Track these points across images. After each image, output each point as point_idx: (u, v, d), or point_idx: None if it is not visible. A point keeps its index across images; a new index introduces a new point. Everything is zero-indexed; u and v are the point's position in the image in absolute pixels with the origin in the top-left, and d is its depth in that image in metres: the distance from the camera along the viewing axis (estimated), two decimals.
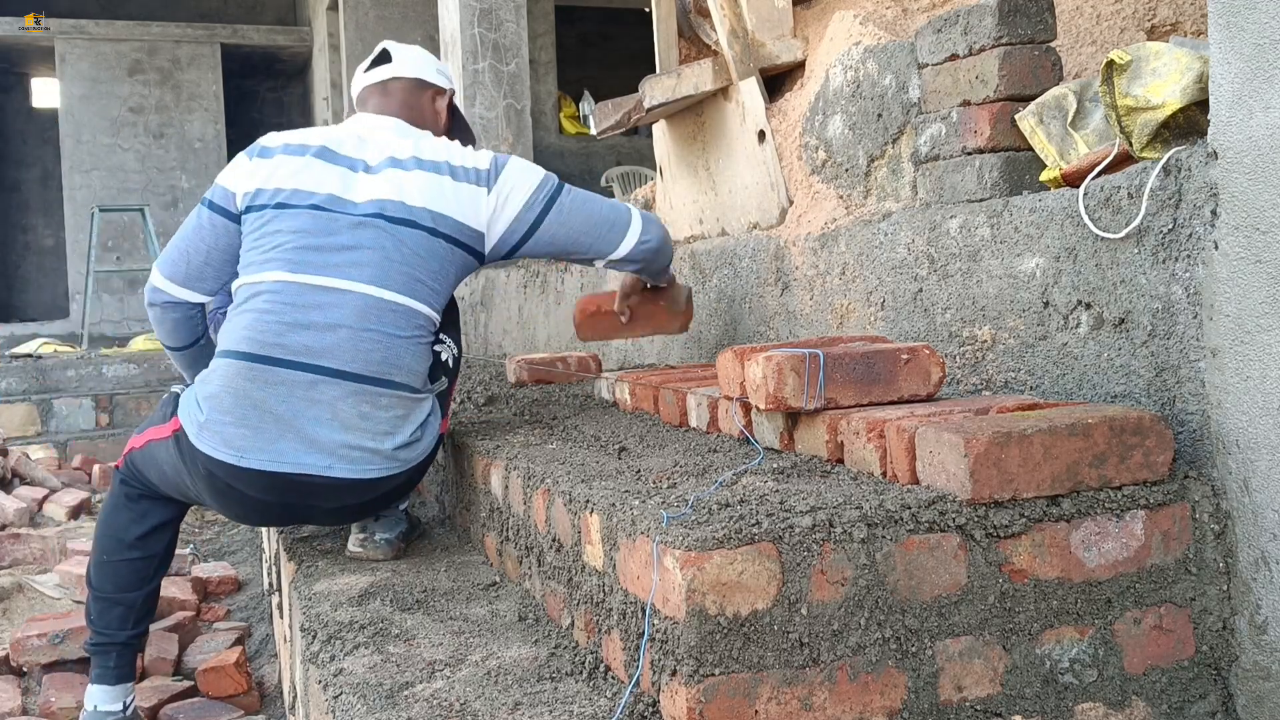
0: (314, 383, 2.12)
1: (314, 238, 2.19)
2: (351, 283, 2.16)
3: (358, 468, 2.15)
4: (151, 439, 2.35)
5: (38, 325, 11.18)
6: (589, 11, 10.93)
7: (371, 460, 2.16)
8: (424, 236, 2.21)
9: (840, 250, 2.40)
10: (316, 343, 2.13)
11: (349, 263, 2.17)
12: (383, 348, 2.15)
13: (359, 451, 2.14)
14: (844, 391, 1.71)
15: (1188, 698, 1.50)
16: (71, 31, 11.27)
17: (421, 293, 2.21)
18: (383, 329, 2.16)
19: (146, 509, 2.42)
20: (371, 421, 2.15)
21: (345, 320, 2.14)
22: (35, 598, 3.75)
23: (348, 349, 2.13)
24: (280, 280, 2.17)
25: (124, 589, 2.43)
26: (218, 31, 11.81)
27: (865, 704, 1.36)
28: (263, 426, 2.12)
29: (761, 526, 1.34)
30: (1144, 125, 1.70)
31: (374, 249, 2.18)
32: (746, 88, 2.89)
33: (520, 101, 5.53)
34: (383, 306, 2.16)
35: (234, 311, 2.23)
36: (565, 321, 4.25)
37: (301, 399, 2.12)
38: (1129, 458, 1.47)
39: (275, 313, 2.16)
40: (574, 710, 1.49)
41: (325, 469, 2.13)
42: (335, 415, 2.12)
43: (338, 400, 2.12)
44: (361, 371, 2.13)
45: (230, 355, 2.17)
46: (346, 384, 2.12)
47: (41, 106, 12.75)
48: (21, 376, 7.31)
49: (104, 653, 2.46)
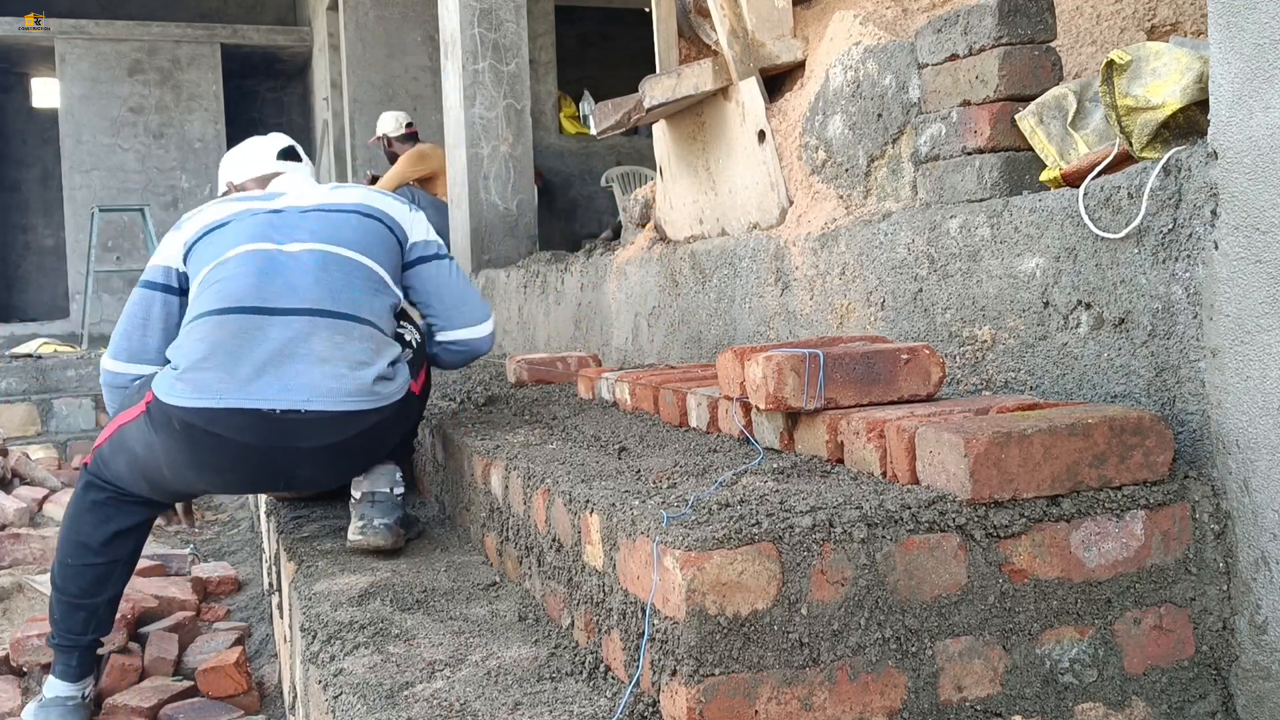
0: (287, 323, 2.26)
1: (268, 223, 2.42)
2: (311, 243, 2.39)
3: (337, 400, 2.24)
4: (121, 423, 2.38)
5: (38, 325, 11.17)
6: (589, 11, 10.91)
7: (348, 391, 2.25)
8: (359, 217, 2.49)
9: (840, 250, 2.40)
10: (286, 289, 2.30)
11: (305, 233, 2.40)
12: (346, 289, 2.35)
13: (335, 381, 2.24)
14: (844, 391, 1.71)
15: (1188, 698, 1.50)
16: (71, 31, 11.26)
17: (374, 254, 2.44)
18: (346, 275, 2.37)
19: (112, 513, 2.42)
20: (345, 351, 2.27)
21: (310, 268, 2.33)
22: (35, 598, 3.75)
23: (316, 290, 2.31)
24: (246, 251, 2.36)
25: (88, 594, 2.44)
26: (218, 31, 11.80)
27: (865, 704, 1.36)
28: (238, 369, 2.22)
29: (761, 526, 1.33)
30: (1144, 125, 1.70)
31: (324, 226, 2.45)
32: (746, 88, 2.89)
33: (520, 101, 5.52)
34: (342, 260, 2.39)
35: (196, 292, 2.38)
36: (565, 321, 4.26)
37: (277, 338, 2.24)
38: (1129, 458, 1.47)
39: (244, 271, 2.32)
40: (574, 710, 1.49)
41: (304, 403, 2.21)
42: (310, 350, 2.24)
43: (312, 335, 2.26)
44: (331, 308, 2.30)
45: (202, 315, 2.29)
46: (319, 319, 2.28)
47: (41, 106, 12.75)
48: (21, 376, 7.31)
49: (67, 653, 2.49)
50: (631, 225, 3.87)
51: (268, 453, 2.26)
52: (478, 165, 5.44)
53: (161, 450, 2.28)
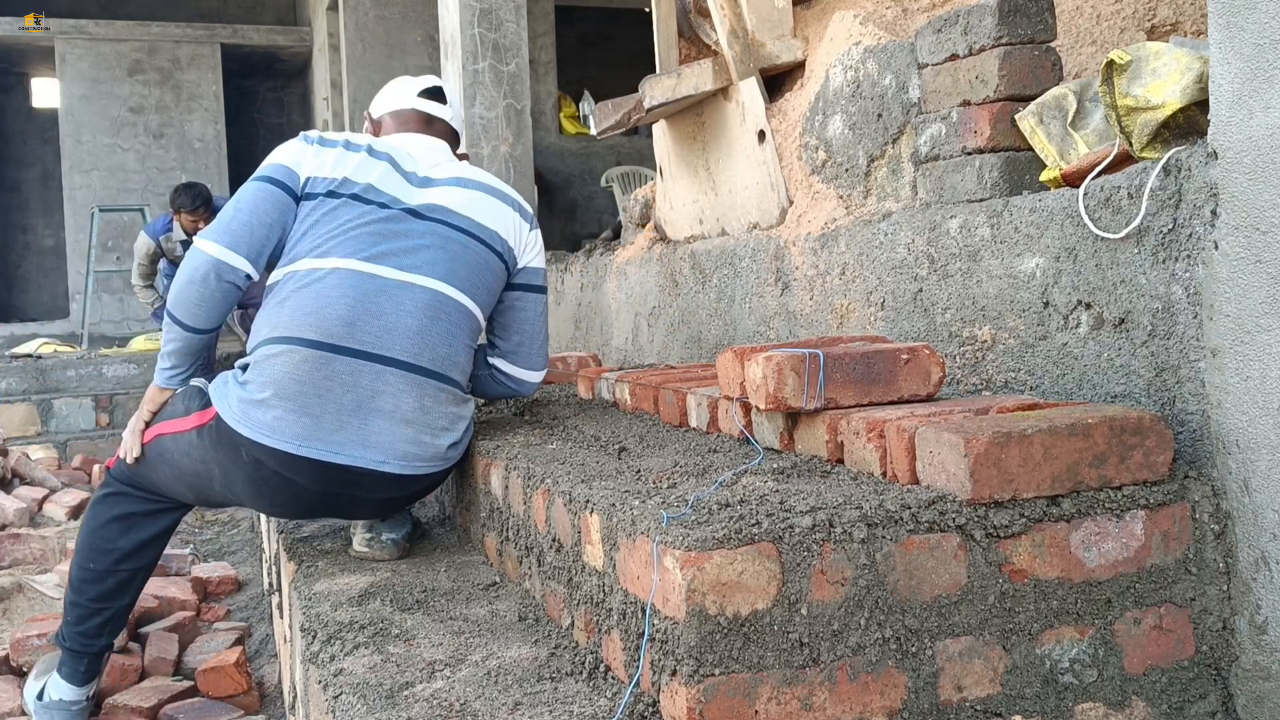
0: (379, 373, 2.11)
1: (381, 231, 2.20)
2: (422, 277, 2.18)
3: (410, 464, 2.16)
4: (164, 433, 2.26)
5: (38, 325, 11.17)
6: (589, 11, 10.92)
7: (423, 457, 2.18)
8: (476, 245, 2.28)
9: (840, 250, 2.40)
10: (385, 333, 2.12)
11: (418, 258, 2.20)
12: (446, 343, 2.18)
13: (415, 446, 2.15)
14: (844, 391, 1.71)
15: (1188, 698, 1.50)
16: (71, 31, 11.26)
17: (480, 297, 2.28)
18: (448, 325, 2.19)
19: (141, 520, 2.34)
20: (430, 416, 2.17)
21: (414, 313, 2.15)
22: (35, 598, 3.75)
23: (415, 342, 2.14)
24: (348, 269, 2.15)
25: (108, 599, 2.38)
26: (218, 31, 11.80)
27: (865, 704, 1.36)
28: (324, 416, 2.08)
29: (761, 526, 1.33)
30: (1144, 125, 1.70)
31: (440, 249, 2.22)
32: (746, 88, 2.89)
33: (520, 101, 5.52)
34: (449, 304, 2.20)
35: (284, 296, 2.17)
36: (565, 321, 4.26)
37: (366, 389, 2.10)
38: (1129, 458, 1.47)
39: (343, 301, 2.11)
40: (574, 710, 1.48)
41: (380, 464, 2.12)
42: (397, 407, 2.12)
43: (401, 392, 2.12)
44: (426, 365, 2.15)
45: (293, 341, 2.10)
46: (411, 375, 2.13)
47: (41, 106, 12.75)
48: (21, 376, 7.31)
49: (77, 657, 2.43)
50: (631, 225, 3.87)
51: (329, 497, 2.20)
52: (478, 165, 5.44)
53: (219, 469, 2.18)
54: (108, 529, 2.35)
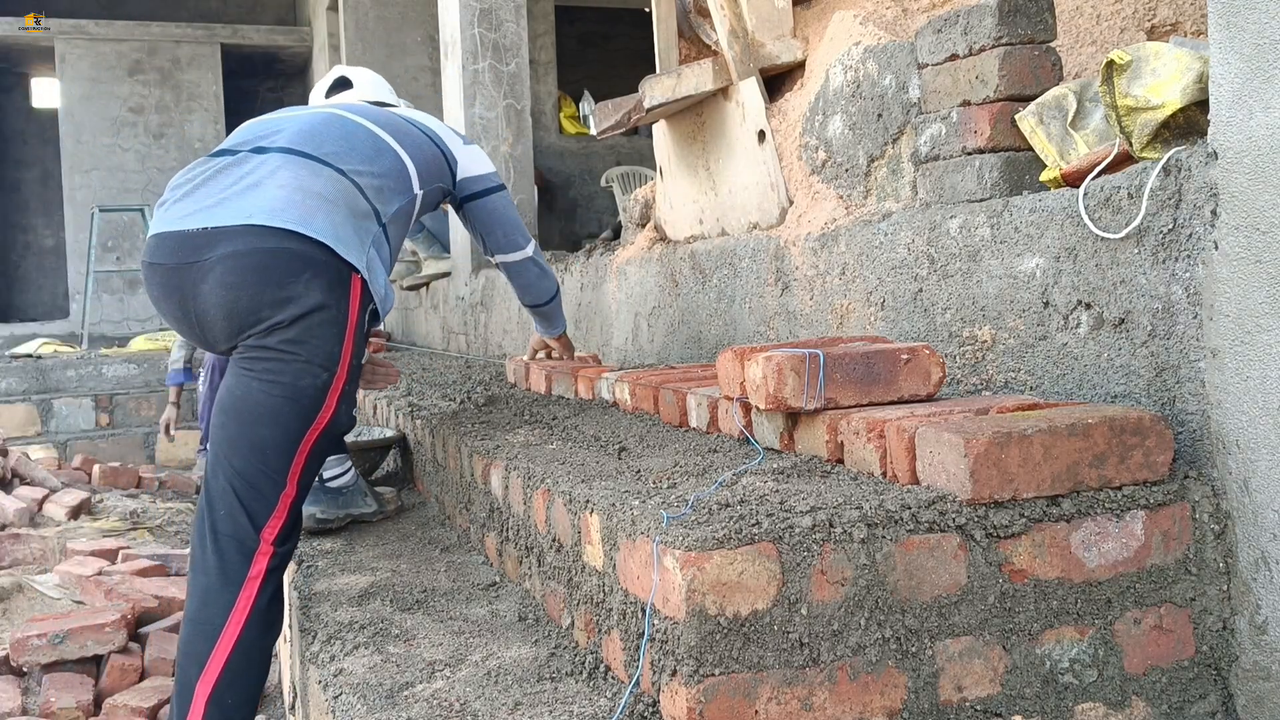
0: (264, 159, 2.21)
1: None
2: (324, 109, 2.42)
3: (270, 215, 2.08)
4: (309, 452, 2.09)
5: (38, 325, 11.18)
6: (589, 11, 10.92)
7: (285, 211, 2.09)
8: (404, 120, 2.49)
9: (840, 250, 2.40)
10: (269, 136, 2.28)
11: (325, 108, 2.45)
12: (341, 144, 2.29)
13: (281, 204, 2.10)
14: (844, 391, 1.71)
15: (1188, 698, 1.50)
16: (71, 31, 11.26)
17: (402, 141, 2.42)
18: (346, 136, 2.33)
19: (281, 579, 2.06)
20: (306, 184, 2.15)
21: (303, 121, 2.33)
22: (35, 598, 3.75)
23: (299, 136, 2.26)
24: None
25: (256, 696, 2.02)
26: (218, 31, 11.80)
27: (865, 704, 1.36)
28: (196, 198, 2.17)
29: (761, 526, 1.33)
30: (1144, 125, 1.69)
31: (350, 108, 2.47)
32: (746, 88, 2.89)
33: (520, 101, 5.52)
34: (350, 125, 2.38)
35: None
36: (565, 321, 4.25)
37: (240, 174, 2.18)
38: (1129, 458, 1.47)
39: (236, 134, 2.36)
40: (574, 710, 1.48)
41: (246, 218, 2.09)
42: (275, 179, 2.15)
43: (279, 169, 2.17)
44: (310, 151, 2.23)
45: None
46: (291, 157, 2.21)
47: (41, 106, 12.75)
48: (21, 376, 7.31)
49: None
50: (631, 225, 3.87)
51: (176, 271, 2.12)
52: None
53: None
54: (273, 628, 2.04)
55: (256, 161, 2.19)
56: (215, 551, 1.98)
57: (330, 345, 2.06)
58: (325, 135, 2.28)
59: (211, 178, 2.18)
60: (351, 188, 2.22)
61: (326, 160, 2.22)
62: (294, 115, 2.37)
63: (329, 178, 2.19)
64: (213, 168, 2.21)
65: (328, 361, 2.06)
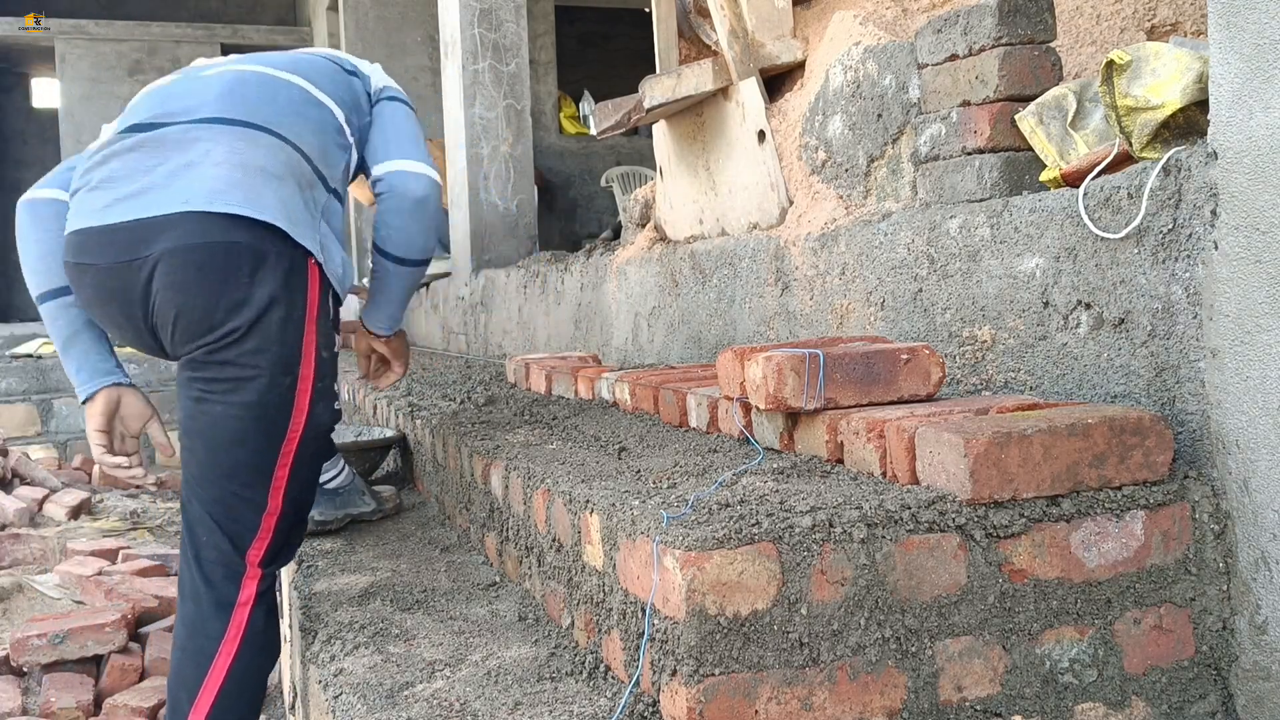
0: (185, 132, 1.95)
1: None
2: (226, 67, 2.12)
3: (213, 200, 1.86)
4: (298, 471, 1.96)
5: (38, 325, 11.16)
6: (589, 11, 10.93)
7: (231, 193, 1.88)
8: (305, 56, 2.22)
9: (840, 250, 2.40)
10: (186, 109, 1.99)
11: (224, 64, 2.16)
12: (268, 104, 2.02)
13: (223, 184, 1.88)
14: (844, 391, 1.71)
15: (1188, 698, 1.50)
16: (71, 31, 11.27)
17: (316, 80, 2.14)
18: (268, 91, 2.05)
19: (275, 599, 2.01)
20: (246, 157, 1.92)
21: (215, 84, 2.04)
22: (35, 598, 3.75)
23: (220, 103, 1.99)
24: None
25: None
26: (218, 31, 11.81)
27: (865, 704, 1.36)
28: (114, 191, 1.92)
29: (761, 526, 1.34)
30: (1144, 125, 1.70)
31: (248, 60, 2.17)
32: (746, 88, 2.89)
33: (520, 101, 5.52)
34: (265, 78, 2.08)
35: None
36: (565, 322, 4.25)
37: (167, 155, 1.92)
38: (1129, 458, 1.47)
39: (141, 105, 2.06)
40: (574, 710, 1.49)
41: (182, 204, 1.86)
42: (208, 157, 1.91)
43: (213, 145, 1.92)
44: (240, 117, 1.97)
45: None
46: (220, 127, 1.96)
47: (41, 106, 12.75)
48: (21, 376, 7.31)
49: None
50: (631, 225, 3.87)
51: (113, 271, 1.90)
52: (478, 165, 5.44)
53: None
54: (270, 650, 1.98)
55: (179, 133, 1.93)
56: (201, 578, 1.89)
57: (291, 348, 1.89)
58: (250, 97, 2.02)
59: (129, 159, 1.92)
60: (294, 154, 1.98)
61: (262, 125, 1.97)
62: (204, 77, 2.08)
63: (269, 146, 1.95)
64: (125, 146, 1.94)
65: (289, 365, 1.89)
